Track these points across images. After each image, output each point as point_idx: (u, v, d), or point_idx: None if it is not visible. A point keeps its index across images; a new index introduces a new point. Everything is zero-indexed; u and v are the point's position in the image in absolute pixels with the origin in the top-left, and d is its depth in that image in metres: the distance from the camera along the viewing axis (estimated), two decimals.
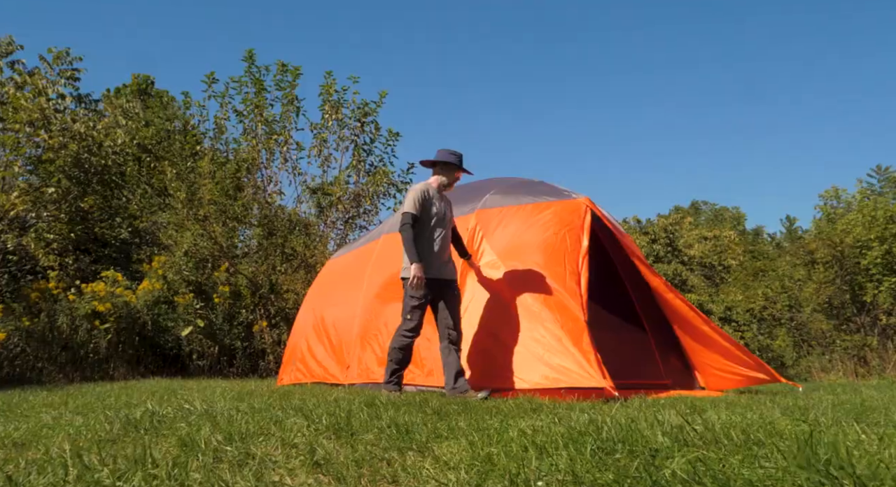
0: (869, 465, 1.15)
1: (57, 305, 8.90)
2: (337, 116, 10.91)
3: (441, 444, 1.50)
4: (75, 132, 10.70)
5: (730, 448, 1.39)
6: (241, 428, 1.69)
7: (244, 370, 9.93)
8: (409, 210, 4.76)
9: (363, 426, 1.78)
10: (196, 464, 1.33)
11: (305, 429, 1.68)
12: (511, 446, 1.34)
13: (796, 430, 1.77)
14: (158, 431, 1.74)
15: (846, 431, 1.85)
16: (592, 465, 1.18)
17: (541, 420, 1.82)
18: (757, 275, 25.60)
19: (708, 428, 1.69)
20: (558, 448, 1.30)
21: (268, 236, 10.60)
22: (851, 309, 21.31)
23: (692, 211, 37.88)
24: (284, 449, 1.46)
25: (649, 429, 1.57)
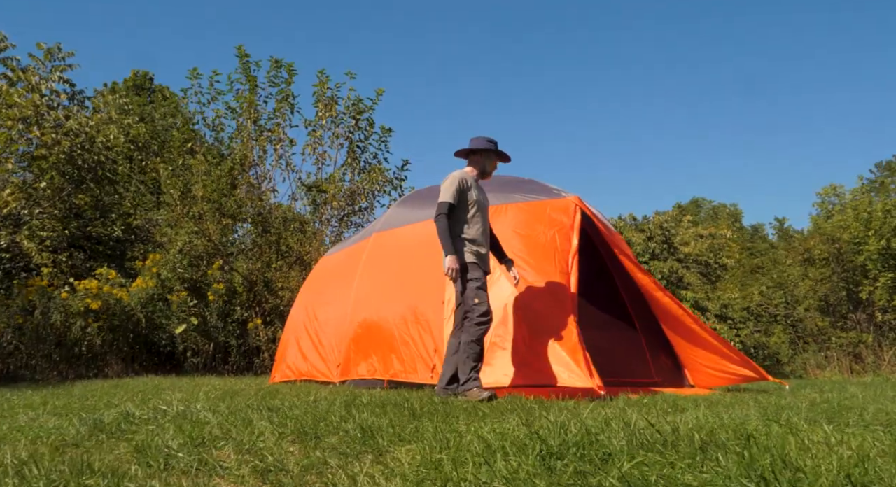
0: (814, 470, 1.16)
1: (51, 303, 8.90)
2: (331, 113, 10.90)
3: (399, 449, 1.51)
4: (68, 128, 10.69)
5: (686, 452, 1.40)
6: (205, 432, 1.70)
7: (239, 367, 9.94)
8: (446, 199, 4.45)
9: (331, 428, 1.79)
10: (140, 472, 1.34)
11: (269, 433, 1.69)
12: (463, 452, 1.35)
13: (753, 433, 1.78)
14: (122, 435, 1.75)
15: (800, 434, 1.86)
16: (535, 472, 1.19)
17: (509, 423, 1.84)
18: (754, 273, 25.64)
19: (674, 430, 1.70)
20: (507, 453, 1.31)
21: (262, 233, 10.60)
22: (847, 306, 21.38)
23: (693, 207, 37.94)
24: (239, 455, 1.47)
25: (608, 433, 1.58)
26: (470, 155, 4.72)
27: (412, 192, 7.59)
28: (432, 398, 3.49)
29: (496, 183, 6.12)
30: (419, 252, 5.84)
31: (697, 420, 2.00)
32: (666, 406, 3.52)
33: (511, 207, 5.65)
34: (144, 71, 21.45)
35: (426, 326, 5.28)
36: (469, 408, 2.72)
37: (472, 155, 4.72)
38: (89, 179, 11.23)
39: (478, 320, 4.28)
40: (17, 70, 11.13)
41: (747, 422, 2.35)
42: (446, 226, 4.42)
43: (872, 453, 1.43)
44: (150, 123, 12.41)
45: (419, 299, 5.53)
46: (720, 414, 2.74)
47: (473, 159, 4.72)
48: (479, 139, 4.69)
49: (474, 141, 4.69)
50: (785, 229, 30.77)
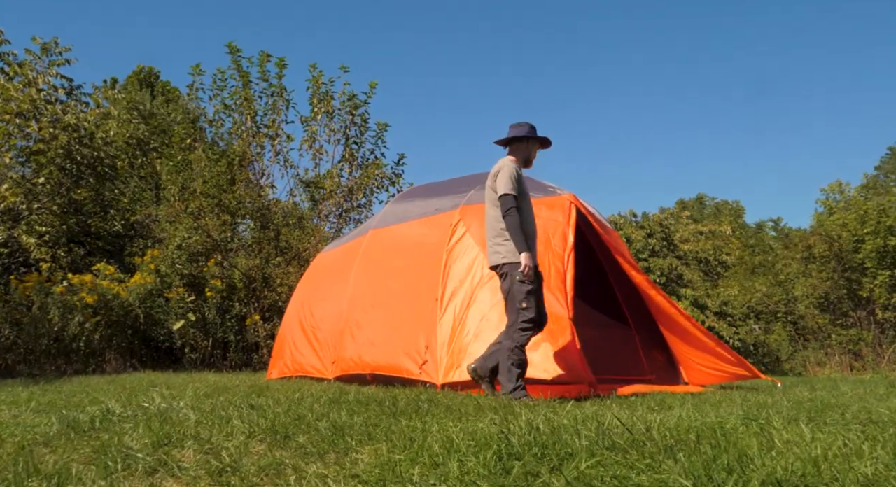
0: (767, 470, 1.17)
1: (48, 298, 8.93)
2: (327, 108, 10.91)
3: (364, 448, 1.52)
4: (66, 123, 10.71)
5: (650, 452, 1.41)
6: (174, 432, 1.71)
7: (237, 363, 9.97)
8: (510, 191, 4.17)
9: (304, 427, 1.80)
10: (94, 474, 1.35)
11: (239, 432, 1.70)
12: (423, 452, 1.36)
13: (724, 433, 1.79)
14: (94, 434, 1.77)
15: (772, 433, 1.87)
16: (486, 473, 1.20)
17: (482, 422, 1.85)
18: (755, 270, 25.64)
19: (647, 429, 1.71)
20: (465, 454, 1.32)
21: (261, 229, 10.62)
22: (848, 304, 21.37)
23: (696, 204, 37.87)
24: (200, 455, 1.49)
25: (577, 432, 1.59)
26: (513, 143, 4.46)
27: (409, 189, 7.59)
28: (419, 395, 3.51)
29: (490, 179, 6.13)
30: (415, 250, 5.86)
31: (679, 418, 2.01)
32: (653, 405, 3.54)
33: None
34: (150, 67, 21.47)
35: (419, 323, 5.29)
36: (453, 406, 2.73)
37: (514, 143, 4.46)
38: (88, 174, 11.26)
39: (522, 325, 4.07)
40: (13, 65, 11.15)
41: (726, 421, 2.37)
42: (519, 222, 4.16)
43: (830, 453, 1.44)
44: (152, 118, 12.42)
45: (414, 296, 5.54)
46: (703, 413, 2.75)
47: (517, 147, 4.46)
48: (522, 126, 4.45)
49: (517, 128, 4.45)
50: (781, 228, 30.76)
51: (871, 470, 1.25)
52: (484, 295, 5.09)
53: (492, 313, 4.98)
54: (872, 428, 2.36)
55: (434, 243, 5.61)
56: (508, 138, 4.44)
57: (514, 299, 4.11)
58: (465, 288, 5.21)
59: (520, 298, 4.09)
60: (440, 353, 4.94)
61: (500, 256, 4.23)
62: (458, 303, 5.14)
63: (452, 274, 5.31)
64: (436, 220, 5.81)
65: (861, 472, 1.24)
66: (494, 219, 4.30)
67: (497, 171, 4.32)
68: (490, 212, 4.35)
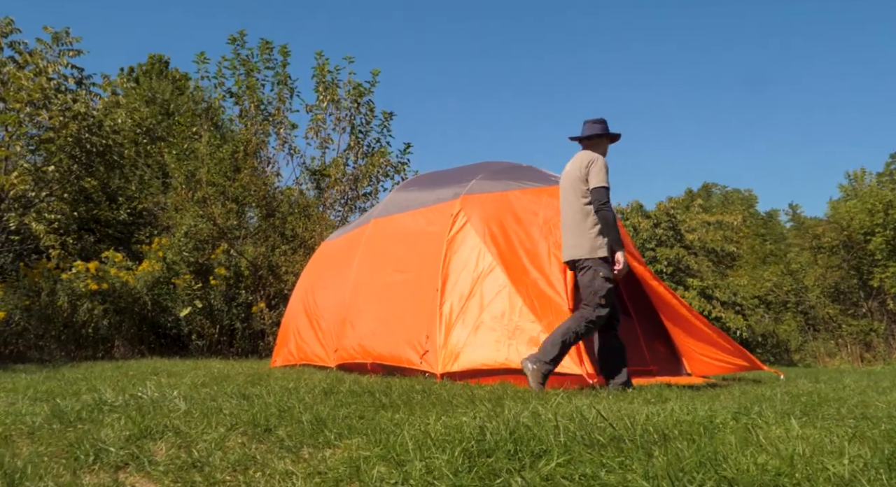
0: (740, 471, 1.16)
1: (57, 285, 9.03)
2: (332, 97, 10.89)
3: (341, 443, 1.53)
4: (76, 112, 10.76)
5: (627, 449, 1.40)
6: (158, 423, 1.73)
7: (244, 350, 10.06)
8: (605, 184, 4.15)
9: (287, 419, 1.81)
10: (62, 468, 1.37)
11: (220, 425, 1.71)
12: (394, 448, 1.36)
13: (707, 429, 1.79)
14: (80, 424, 1.78)
15: (759, 429, 1.86)
16: (451, 472, 1.20)
17: (467, 415, 1.85)
18: (766, 260, 25.42)
19: (631, 425, 1.71)
20: (434, 450, 1.32)
21: (266, 217, 10.66)
22: (859, 294, 21.18)
23: (703, 193, 37.53)
24: (173, 449, 1.50)
25: (556, 427, 1.58)
26: (592, 139, 4.41)
27: (411, 178, 7.58)
28: (414, 385, 3.52)
29: (494, 170, 6.11)
30: (416, 239, 5.85)
31: (669, 412, 2.00)
32: (650, 397, 3.53)
33: (508, 195, 5.64)
34: (160, 54, 21.50)
35: (420, 313, 5.30)
36: (445, 398, 2.74)
37: (594, 139, 4.41)
38: (98, 163, 11.32)
39: (595, 318, 4.10)
40: (24, 53, 11.19)
41: (715, 416, 2.36)
42: (613, 216, 4.16)
43: (809, 451, 1.42)
44: (155, 105, 12.44)
45: (415, 286, 5.55)
46: (696, 407, 2.74)
47: (596, 143, 4.42)
48: (599, 123, 4.43)
49: (597, 125, 4.42)
50: (797, 215, 30.39)
51: (848, 470, 1.24)
52: (484, 286, 5.08)
53: (493, 304, 4.98)
54: (864, 424, 2.34)
55: (435, 233, 5.60)
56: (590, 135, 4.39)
57: (595, 294, 4.12)
58: (465, 278, 5.20)
59: (601, 294, 4.11)
60: (439, 343, 4.95)
61: (583, 250, 4.20)
62: (458, 294, 5.14)
63: (453, 264, 5.31)
64: (437, 210, 5.80)
65: (835, 472, 1.23)
66: (576, 212, 4.25)
67: (587, 163, 4.25)
68: (573, 203, 4.28)
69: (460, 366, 4.76)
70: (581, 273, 4.21)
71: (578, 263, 4.23)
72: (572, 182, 4.29)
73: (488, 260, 5.18)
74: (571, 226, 4.29)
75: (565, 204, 4.36)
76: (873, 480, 1.17)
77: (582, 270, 4.20)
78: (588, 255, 4.18)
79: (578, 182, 4.25)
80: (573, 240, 4.26)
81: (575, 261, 4.26)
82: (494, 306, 4.95)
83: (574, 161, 4.37)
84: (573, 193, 4.29)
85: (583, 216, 4.23)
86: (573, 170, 4.31)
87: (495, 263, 5.13)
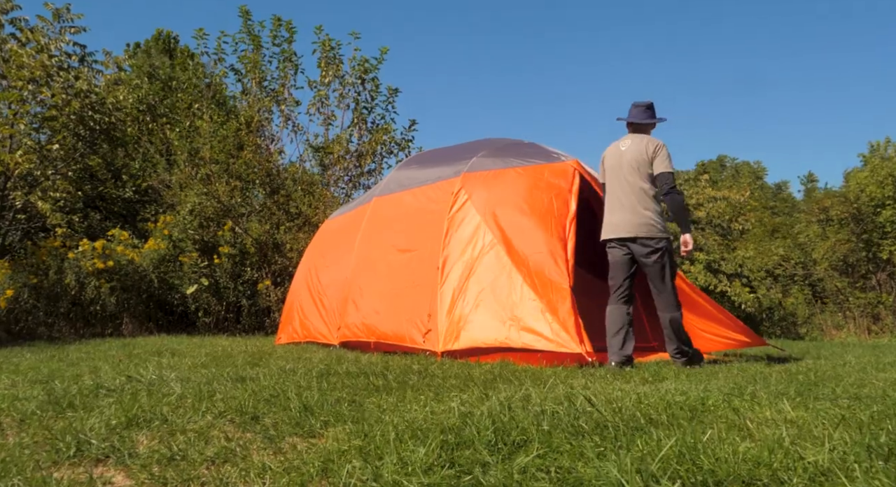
0: (717, 460, 1.17)
1: (64, 263, 9.12)
2: (337, 73, 10.78)
3: (328, 431, 1.54)
4: (78, 89, 10.72)
5: (610, 437, 1.41)
6: (147, 411, 1.75)
7: (251, 327, 10.16)
8: (672, 169, 4.43)
9: (276, 406, 1.83)
10: (42, 461, 1.39)
11: (208, 412, 1.73)
12: (373, 440, 1.37)
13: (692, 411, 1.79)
14: (72, 411, 1.80)
15: (747, 412, 1.87)
16: (425, 467, 1.20)
17: (455, 400, 1.86)
18: (774, 233, 25.23)
19: (618, 409, 1.72)
20: (409, 443, 1.33)
21: (271, 195, 10.66)
22: (867, 266, 21.05)
23: (717, 165, 37.07)
24: (154, 441, 1.52)
25: (537, 415, 1.59)
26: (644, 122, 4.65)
27: (413, 156, 7.54)
28: (411, 366, 3.55)
29: (496, 147, 6.06)
30: (417, 218, 5.85)
31: (662, 394, 2.00)
32: (647, 375, 3.54)
33: (510, 172, 5.60)
34: (168, 31, 21.21)
35: (422, 292, 5.32)
36: (440, 379, 2.76)
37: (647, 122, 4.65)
38: (102, 140, 11.32)
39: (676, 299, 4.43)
40: (25, 30, 11.11)
41: (708, 397, 2.36)
42: (683, 201, 4.42)
43: (793, 437, 1.42)
44: (157, 81, 12.34)
45: (416, 264, 5.56)
46: (690, 387, 2.75)
47: (648, 127, 4.68)
48: (651, 109, 4.65)
49: (647, 111, 4.64)
50: (811, 187, 30.03)
51: (828, 459, 1.25)
52: (484, 264, 5.08)
53: (493, 282, 4.98)
54: (857, 406, 2.35)
55: (436, 211, 5.59)
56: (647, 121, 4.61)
57: (668, 273, 4.40)
58: (466, 256, 5.20)
59: (673, 273, 4.43)
60: (441, 321, 4.98)
61: (645, 230, 4.40)
62: (458, 272, 5.14)
63: (453, 242, 5.30)
64: (438, 188, 5.78)
65: (814, 461, 1.23)
66: (637, 192, 4.44)
67: (655, 148, 4.45)
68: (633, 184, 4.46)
69: (461, 345, 4.79)
70: (653, 255, 4.40)
71: (638, 241, 4.41)
72: (636, 163, 4.44)
73: (489, 238, 5.17)
74: (630, 205, 4.44)
75: (623, 183, 4.49)
76: (850, 469, 1.17)
77: (655, 251, 4.39)
78: (652, 234, 4.40)
79: (644, 164, 4.43)
80: (633, 219, 4.42)
81: (628, 239, 4.44)
82: (495, 284, 4.95)
83: (635, 142, 4.52)
84: (635, 174, 4.45)
85: (645, 196, 4.42)
86: (637, 153, 4.46)
87: (496, 241, 5.12)
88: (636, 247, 4.44)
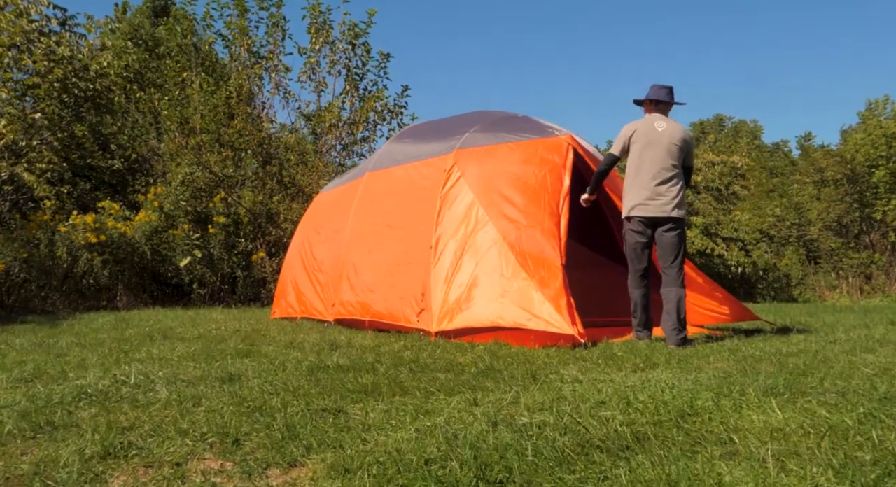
0: None
1: (56, 236, 9.04)
2: (327, 39, 10.50)
3: (309, 459, 1.52)
4: (60, 56, 10.44)
5: (597, 461, 1.40)
6: (128, 427, 1.71)
7: (246, 297, 10.17)
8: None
9: (258, 426, 1.80)
10: None
11: (189, 437, 1.71)
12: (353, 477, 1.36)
13: None
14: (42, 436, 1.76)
15: (733, 418, 1.86)
16: None
17: (441, 415, 1.84)
18: (770, 193, 25.18)
19: (606, 421, 1.71)
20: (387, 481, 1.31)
21: (263, 165, 10.51)
22: (861, 226, 21.12)
23: (716, 125, 36.62)
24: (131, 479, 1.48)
25: (522, 440, 1.57)
26: (673, 103, 4.88)
27: (406, 129, 7.41)
28: (403, 354, 3.55)
29: (489, 121, 5.95)
30: (410, 194, 5.78)
31: (651, 393, 1.99)
32: (638, 361, 3.55)
33: (503, 148, 5.51)
34: None
35: (416, 271, 5.29)
36: (430, 374, 2.75)
37: (673, 104, 4.90)
38: (87, 108, 11.08)
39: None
40: None
41: (697, 397, 2.36)
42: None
43: (778, 452, 1.41)
44: (141, 47, 12.01)
45: (410, 242, 5.52)
46: (682, 378, 2.75)
47: (670, 108, 4.91)
48: (671, 92, 4.86)
49: (668, 91, 4.83)
50: (807, 146, 29.75)
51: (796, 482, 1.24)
52: (477, 243, 5.04)
53: (486, 261, 4.95)
54: (845, 406, 2.35)
55: (428, 188, 5.52)
56: (671, 102, 4.83)
57: (684, 250, 4.72)
58: (459, 234, 5.16)
59: (686, 252, 4.80)
60: (434, 301, 4.97)
61: (683, 211, 4.70)
62: (451, 251, 5.11)
63: (446, 220, 5.25)
64: (430, 164, 5.70)
65: None
66: (677, 173, 4.67)
67: (691, 140, 4.80)
68: (676, 165, 4.67)
69: (455, 325, 4.79)
70: (674, 231, 4.65)
71: (673, 221, 4.64)
72: (676, 146, 4.66)
73: (482, 216, 5.12)
74: (672, 183, 4.64)
75: (666, 162, 4.64)
76: None
77: (677, 229, 4.65)
78: (684, 213, 4.72)
79: (682, 150, 4.69)
80: (678, 199, 4.64)
81: (673, 219, 4.64)
82: (487, 263, 4.93)
83: (672, 126, 4.72)
84: (677, 156, 4.68)
85: (681, 177, 4.71)
86: (678, 137, 4.68)
87: (489, 219, 5.08)
88: (667, 224, 4.64)
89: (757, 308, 10.51)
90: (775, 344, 4.34)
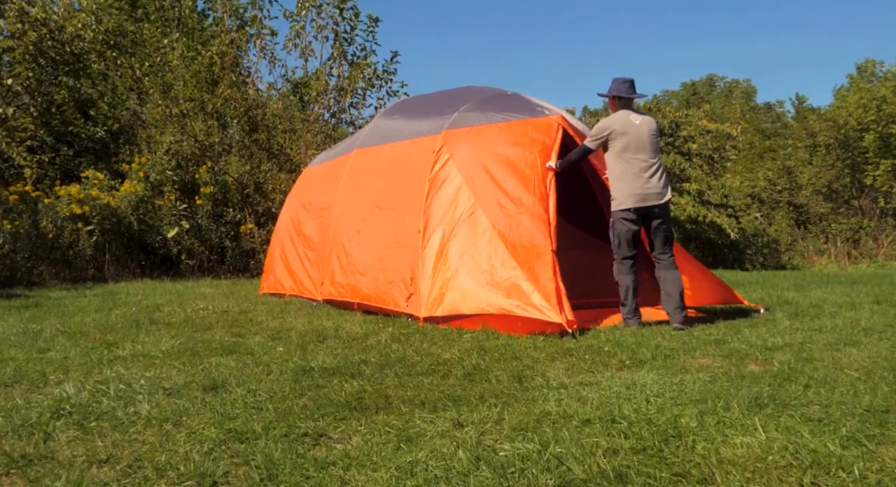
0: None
1: (39, 206, 8.90)
2: (313, 2, 10.15)
3: None
4: (34, 17, 10.06)
5: None
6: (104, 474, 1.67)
7: (235, 268, 10.12)
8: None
9: (239, 457, 1.76)
10: None
11: (163, 479, 1.67)
12: None
13: None
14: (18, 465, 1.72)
15: (718, 440, 1.87)
16: None
17: (423, 449, 1.81)
18: (762, 156, 25.08)
19: (589, 452, 1.70)
20: None
21: (250, 133, 10.30)
22: (850, 191, 21.18)
23: (707, 85, 36.15)
24: None
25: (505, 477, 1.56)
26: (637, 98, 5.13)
27: (395, 104, 7.25)
28: (389, 352, 3.53)
29: (478, 100, 5.81)
30: (398, 174, 5.68)
31: (638, 407, 1.95)
32: (624, 358, 3.56)
33: (492, 128, 5.40)
34: None
35: (405, 254, 5.25)
36: (417, 378, 2.74)
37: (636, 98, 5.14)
38: (65, 72, 10.75)
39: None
40: None
41: (681, 415, 2.37)
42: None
43: None
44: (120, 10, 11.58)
45: (398, 224, 5.46)
46: (664, 389, 2.76)
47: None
48: (633, 85, 5.05)
49: (632, 86, 5.03)
50: (802, 108, 29.45)
51: None
52: (466, 228, 4.99)
53: (475, 246, 4.90)
54: (826, 425, 2.37)
55: (417, 169, 5.43)
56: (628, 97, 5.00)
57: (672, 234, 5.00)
58: (447, 218, 5.10)
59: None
60: (423, 286, 4.94)
61: (671, 194, 5.00)
62: (439, 235, 5.05)
63: (435, 204, 5.18)
64: (418, 144, 5.59)
65: None
66: (660, 161, 4.96)
67: (659, 126, 5.18)
68: (656, 154, 4.93)
69: (443, 311, 4.78)
70: (666, 216, 4.90)
71: (665, 207, 4.86)
72: (655, 135, 4.93)
73: (471, 201, 5.06)
74: (659, 174, 4.85)
75: (650, 154, 4.86)
76: None
77: (667, 213, 4.91)
78: (670, 199, 4.96)
79: (657, 138, 4.95)
80: (664, 187, 4.85)
81: (664, 205, 4.85)
82: (476, 249, 4.89)
83: (646, 120, 4.96)
84: (655, 146, 4.92)
85: (662, 164, 4.96)
86: (654, 126, 4.96)
87: (477, 205, 5.01)
88: (659, 212, 4.83)
89: (746, 277, 10.58)
90: (761, 333, 4.36)
